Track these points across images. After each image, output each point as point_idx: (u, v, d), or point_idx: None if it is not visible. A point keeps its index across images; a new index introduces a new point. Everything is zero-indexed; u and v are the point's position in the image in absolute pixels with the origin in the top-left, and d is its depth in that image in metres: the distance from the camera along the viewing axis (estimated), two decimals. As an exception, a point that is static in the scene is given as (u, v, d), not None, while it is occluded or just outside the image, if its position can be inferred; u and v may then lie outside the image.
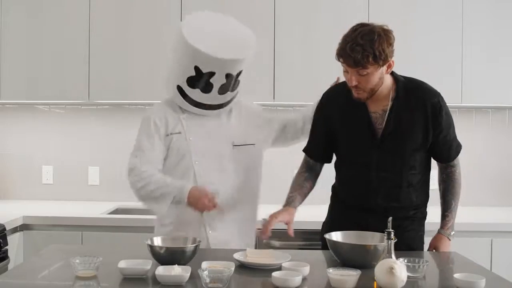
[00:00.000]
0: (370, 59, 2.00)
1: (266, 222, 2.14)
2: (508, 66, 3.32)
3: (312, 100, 2.58)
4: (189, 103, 2.38)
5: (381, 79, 2.10)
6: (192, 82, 2.32)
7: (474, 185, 3.65)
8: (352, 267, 1.79)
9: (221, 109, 2.42)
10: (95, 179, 3.72)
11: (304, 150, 2.40)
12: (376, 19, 3.24)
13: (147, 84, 3.34)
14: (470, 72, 3.29)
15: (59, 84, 3.38)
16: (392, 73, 2.19)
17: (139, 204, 3.53)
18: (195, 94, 2.34)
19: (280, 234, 2.69)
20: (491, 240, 2.99)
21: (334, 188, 2.42)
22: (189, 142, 2.37)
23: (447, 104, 2.23)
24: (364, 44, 2.00)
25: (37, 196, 3.71)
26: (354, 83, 2.08)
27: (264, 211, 2.29)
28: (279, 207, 2.27)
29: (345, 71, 2.11)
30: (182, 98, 2.37)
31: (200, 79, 2.30)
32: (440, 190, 2.33)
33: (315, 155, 2.37)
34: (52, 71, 3.38)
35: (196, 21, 2.38)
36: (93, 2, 3.36)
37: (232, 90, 2.39)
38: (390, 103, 2.16)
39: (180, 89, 2.36)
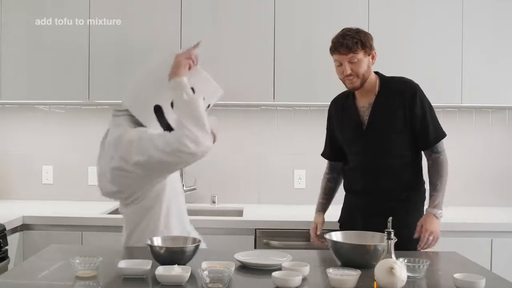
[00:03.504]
0: (359, 45, 2.41)
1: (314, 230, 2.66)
2: (508, 66, 3.31)
3: (311, 100, 2.59)
4: (162, 126, 2.19)
5: (369, 68, 2.47)
6: None
7: (474, 185, 3.65)
8: (352, 267, 1.79)
9: None
10: (95, 179, 3.70)
11: (322, 154, 2.80)
12: (376, 20, 3.29)
13: (147, 84, 3.34)
14: (470, 72, 3.29)
15: (59, 84, 3.38)
16: (377, 73, 2.54)
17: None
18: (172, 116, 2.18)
19: (280, 234, 2.70)
20: (491, 240, 2.99)
21: (343, 169, 2.71)
22: None
23: (426, 97, 2.51)
24: (352, 34, 2.43)
25: (37, 196, 3.71)
26: (348, 71, 2.43)
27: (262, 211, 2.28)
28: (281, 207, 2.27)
29: (339, 65, 2.46)
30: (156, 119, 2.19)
31: None
32: (428, 175, 2.52)
33: (330, 156, 2.77)
34: (52, 71, 3.38)
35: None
36: (93, 2, 3.36)
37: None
38: (374, 97, 2.50)
39: (157, 110, 2.18)
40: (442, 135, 2.50)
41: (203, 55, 3.30)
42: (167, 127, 2.18)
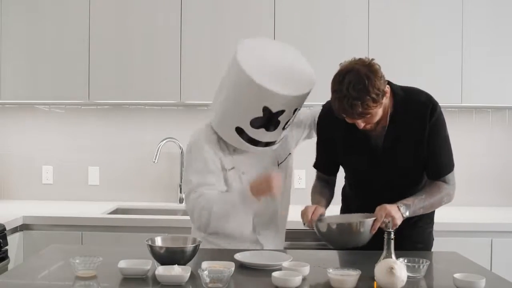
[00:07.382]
0: (371, 104, 1.96)
1: (306, 212, 2.13)
2: (508, 66, 3.31)
3: (311, 100, 2.57)
4: (247, 142, 2.22)
5: (383, 108, 2.07)
6: (257, 122, 2.16)
7: (474, 185, 3.65)
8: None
9: (277, 143, 2.30)
10: (95, 179, 3.72)
11: (314, 166, 2.40)
12: (376, 20, 3.28)
13: (147, 84, 3.35)
14: (470, 72, 3.29)
15: (59, 84, 3.38)
16: (390, 85, 2.11)
17: (139, 204, 3.56)
18: (259, 134, 2.20)
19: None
20: (491, 240, 2.99)
21: (344, 191, 2.45)
22: (241, 176, 2.28)
23: (443, 113, 2.21)
24: (360, 96, 1.94)
25: (37, 196, 3.71)
26: (362, 126, 2.06)
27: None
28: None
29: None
30: (241, 139, 2.22)
31: (268, 119, 2.15)
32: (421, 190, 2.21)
33: (325, 170, 2.38)
34: (52, 71, 3.38)
35: (252, 56, 2.21)
36: (93, 2, 3.36)
37: (292, 122, 2.28)
38: (388, 120, 2.13)
39: (239, 130, 2.20)
40: (451, 168, 2.20)
41: (204, 55, 3.33)
42: (249, 141, 2.22)
